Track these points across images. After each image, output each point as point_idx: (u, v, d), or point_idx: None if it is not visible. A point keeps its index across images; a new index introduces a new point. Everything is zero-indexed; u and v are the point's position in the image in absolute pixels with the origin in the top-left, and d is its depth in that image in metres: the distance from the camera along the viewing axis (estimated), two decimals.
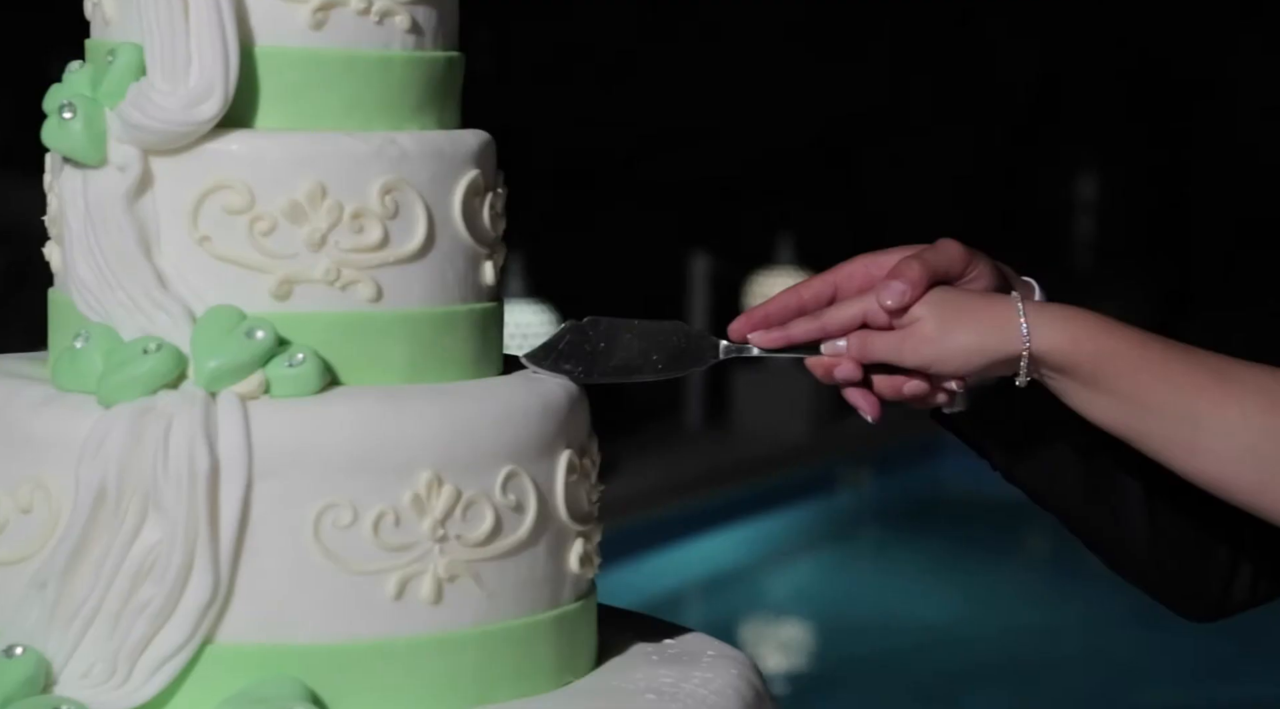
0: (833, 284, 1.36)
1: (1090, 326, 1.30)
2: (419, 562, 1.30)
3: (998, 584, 6.41)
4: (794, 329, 1.35)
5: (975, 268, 1.35)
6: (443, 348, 1.38)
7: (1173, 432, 1.29)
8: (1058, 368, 1.31)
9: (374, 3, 1.36)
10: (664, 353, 1.40)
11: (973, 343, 1.31)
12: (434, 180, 1.37)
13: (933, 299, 1.32)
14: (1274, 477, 1.28)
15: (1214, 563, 1.44)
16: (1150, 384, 1.28)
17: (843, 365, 1.34)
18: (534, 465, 1.36)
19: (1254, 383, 1.29)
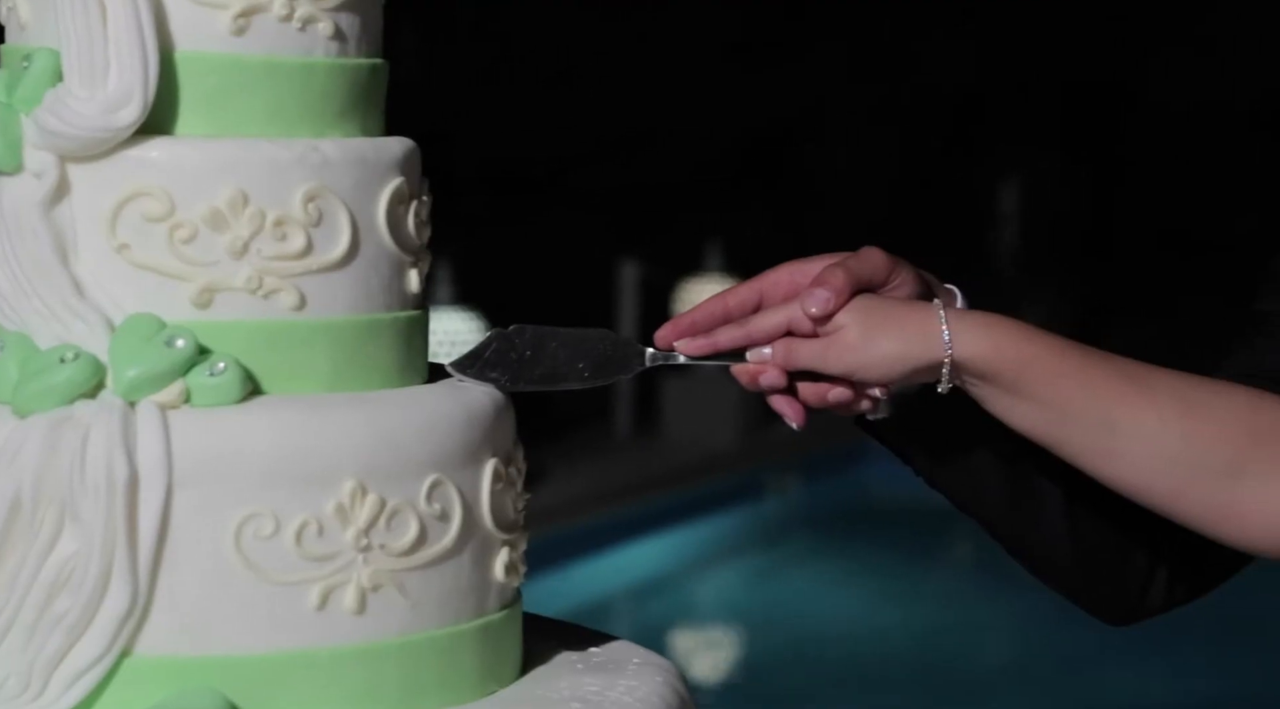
0: (758, 291, 1.37)
1: (1011, 334, 1.31)
2: (342, 572, 1.29)
3: (924, 589, 6.45)
4: (720, 336, 1.36)
5: (898, 275, 1.36)
6: (367, 356, 1.37)
7: (1091, 437, 1.30)
8: (979, 374, 1.32)
9: (296, 9, 1.35)
10: (590, 361, 1.40)
11: (896, 350, 1.32)
12: (358, 187, 1.36)
13: (856, 307, 1.33)
14: (1190, 482, 1.29)
15: (1131, 568, 1.46)
16: (1070, 391, 1.29)
17: (768, 373, 1.35)
18: (459, 474, 1.35)
19: (1171, 389, 1.30)
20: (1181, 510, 1.31)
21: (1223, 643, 5.53)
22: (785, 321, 1.34)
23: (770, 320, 1.34)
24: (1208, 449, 1.29)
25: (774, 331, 1.34)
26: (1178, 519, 1.31)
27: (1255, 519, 1.29)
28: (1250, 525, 1.29)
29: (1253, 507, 1.29)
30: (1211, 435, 1.29)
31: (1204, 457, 1.29)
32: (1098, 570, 1.45)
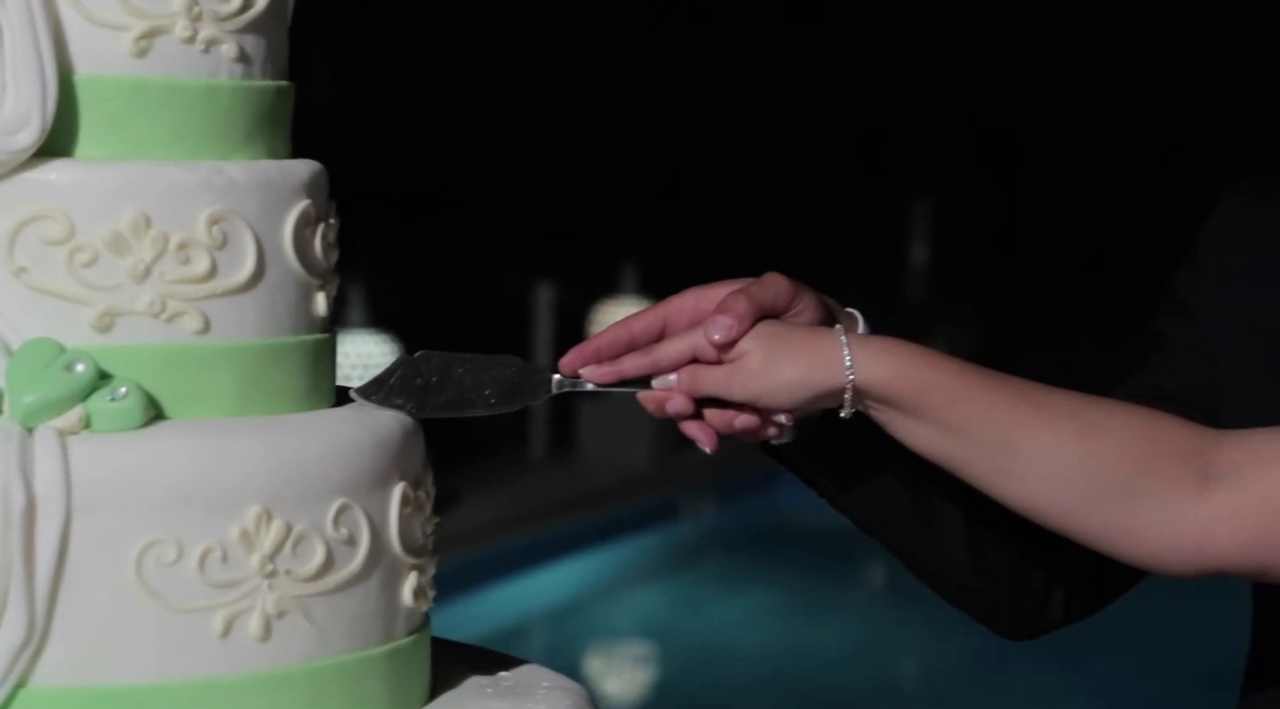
0: (662, 318, 1.37)
1: (911, 358, 1.32)
2: (247, 598, 1.28)
3: (838, 609, 6.47)
4: (625, 364, 1.36)
5: (801, 301, 1.37)
6: (272, 380, 1.36)
7: (990, 459, 1.31)
8: (881, 399, 1.33)
9: (200, 31, 1.34)
10: (497, 387, 1.40)
11: (798, 376, 1.33)
12: (263, 210, 1.35)
13: (759, 333, 1.34)
14: (1087, 502, 1.30)
15: (1030, 587, 1.48)
16: (969, 413, 1.31)
17: (674, 399, 1.35)
18: (366, 498, 1.34)
19: (1068, 410, 1.31)
20: (1079, 530, 1.32)
21: (1141, 658, 5.58)
22: (690, 349, 1.35)
23: (675, 348, 1.35)
24: (1104, 469, 1.30)
25: (679, 359, 1.35)
26: (1076, 538, 1.33)
27: (1151, 538, 1.30)
28: (1146, 544, 1.31)
29: (1148, 525, 1.30)
30: (1107, 456, 1.30)
31: (1100, 477, 1.30)
32: (997, 589, 1.47)
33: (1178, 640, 5.66)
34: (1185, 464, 1.30)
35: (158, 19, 1.33)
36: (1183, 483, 1.29)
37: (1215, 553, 1.29)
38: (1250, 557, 1.29)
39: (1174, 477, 1.29)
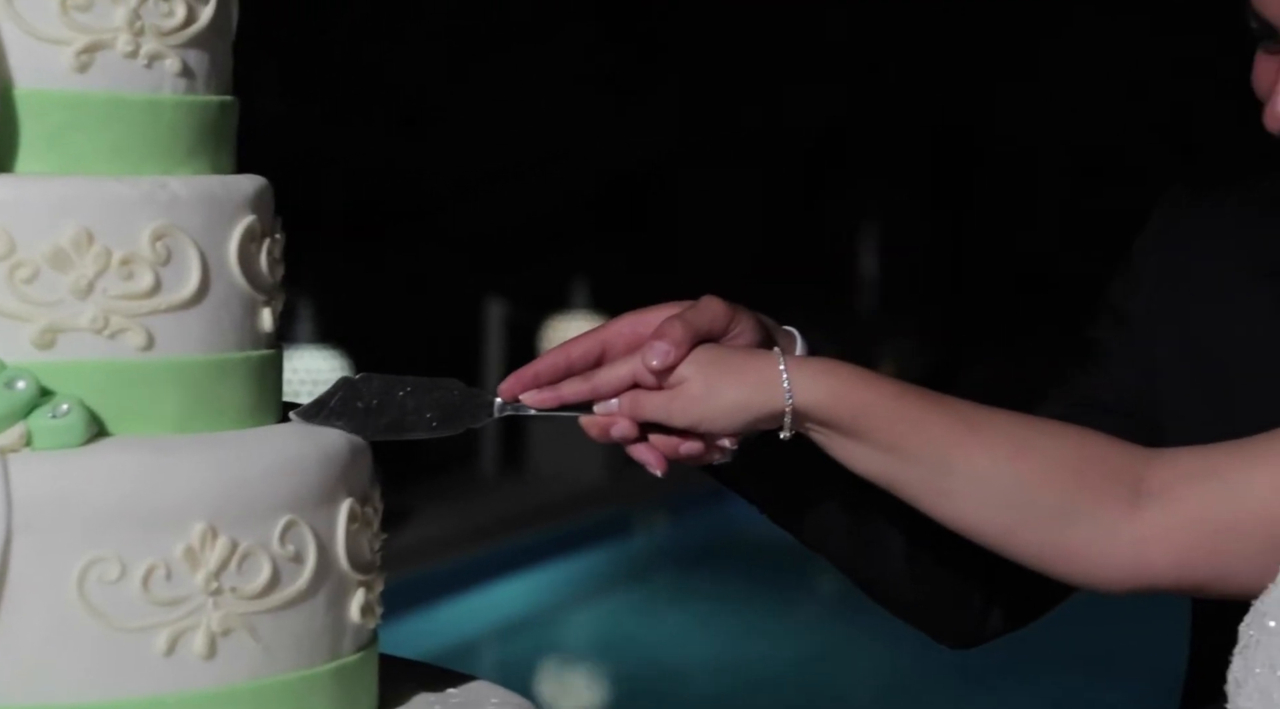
0: (601, 342, 1.38)
1: (849, 380, 1.33)
2: (191, 616, 1.27)
3: (789, 624, 6.48)
4: (565, 389, 1.37)
5: (738, 324, 1.37)
6: (218, 397, 1.35)
7: (927, 479, 1.32)
8: (819, 421, 1.34)
9: (142, 46, 1.33)
10: (438, 410, 1.40)
11: (738, 401, 1.33)
12: (208, 226, 1.34)
13: (698, 358, 1.34)
14: (1022, 522, 1.31)
15: (969, 599, 1.49)
16: (906, 435, 1.32)
17: (619, 425, 1.36)
18: (313, 515, 1.33)
19: (1003, 431, 1.33)
20: (1015, 550, 1.33)
21: (1086, 669, 5.61)
22: (630, 374, 1.35)
23: (615, 374, 1.35)
24: (1038, 490, 1.31)
25: (619, 385, 1.35)
26: (1012, 557, 1.34)
27: (1085, 558, 1.31)
28: (1081, 564, 1.32)
29: (1082, 545, 1.31)
30: (1041, 476, 1.31)
31: (1034, 497, 1.31)
32: (937, 601, 1.48)
33: (1120, 651, 5.69)
34: (1117, 483, 1.31)
35: (99, 33, 1.32)
36: (1115, 503, 1.30)
37: (1149, 571, 1.30)
38: (1183, 574, 1.30)
39: (1107, 496, 1.30)
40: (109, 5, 1.32)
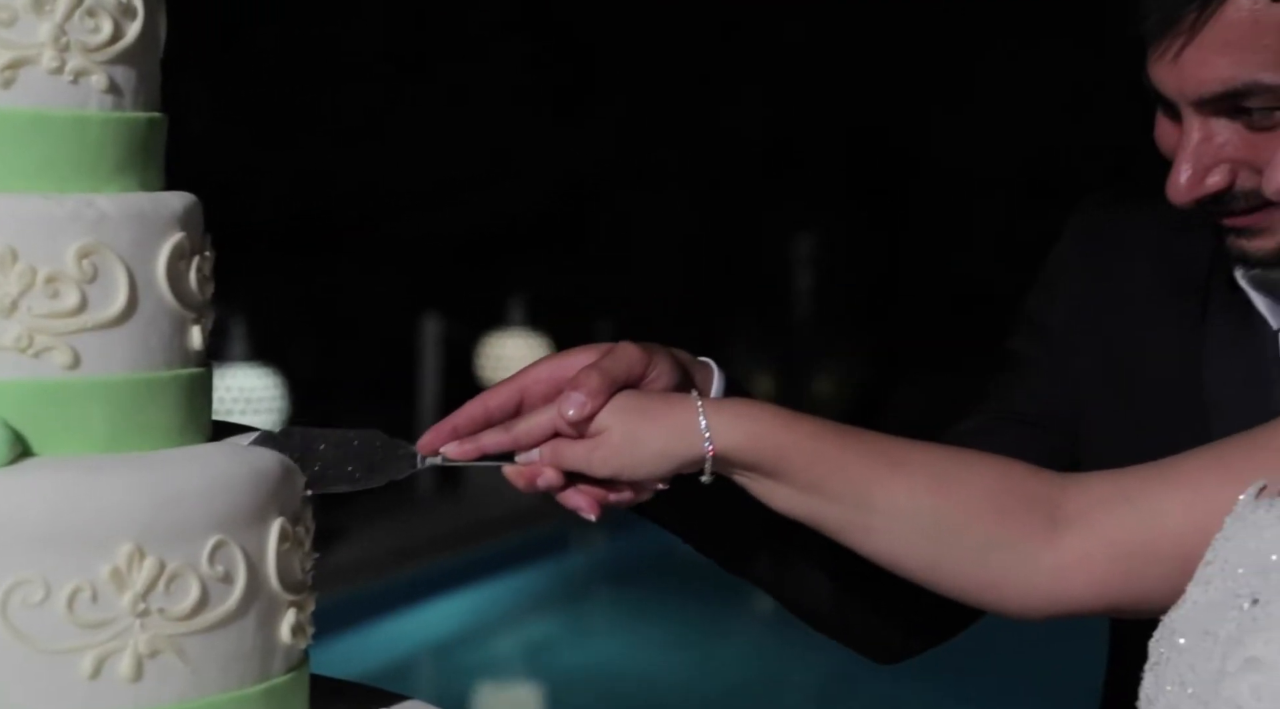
0: (519, 390, 1.38)
1: (767, 422, 1.34)
2: (118, 638, 1.25)
3: (727, 640, 6.48)
4: (485, 440, 1.37)
5: (655, 367, 1.38)
6: (146, 415, 1.34)
7: (850, 516, 1.33)
8: (740, 465, 1.35)
9: (68, 61, 1.32)
10: (360, 463, 1.39)
11: (659, 449, 1.34)
12: (136, 243, 1.33)
13: (616, 407, 1.35)
14: (944, 556, 1.33)
15: (895, 619, 1.50)
16: (826, 474, 1.33)
17: (545, 475, 1.36)
18: (243, 534, 1.32)
19: (922, 465, 1.34)
20: (938, 582, 1.35)
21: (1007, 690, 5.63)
22: (549, 424, 1.36)
23: (534, 423, 1.36)
24: (958, 522, 1.32)
25: (539, 435, 1.36)
26: (936, 590, 1.35)
27: (1007, 588, 1.33)
28: (1002, 594, 1.33)
29: (1004, 577, 1.32)
30: (961, 509, 1.33)
31: (955, 530, 1.32)
32: (863, 621, 1.50)
33: (1039, 667, 5.73)
34: (1035, 512, 1.31)
35: (24, 49, 1.30)
36: (1034, 531, 1.31)
37: (1069, 598, 1.31)
38: (1103, 599, 1.31)
39: (1025, 526, 1.31)
40: (33, 21, 1.31)
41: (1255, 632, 1.13)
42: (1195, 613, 1.20)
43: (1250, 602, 1.15)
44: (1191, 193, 1.39)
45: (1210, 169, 1.38)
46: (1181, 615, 1.21)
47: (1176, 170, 1.39)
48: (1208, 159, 1.38)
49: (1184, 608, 1.22)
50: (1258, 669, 1.12)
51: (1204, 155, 1.38)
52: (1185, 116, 1.39)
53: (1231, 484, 1.25)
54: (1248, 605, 1.15)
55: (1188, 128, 1.39)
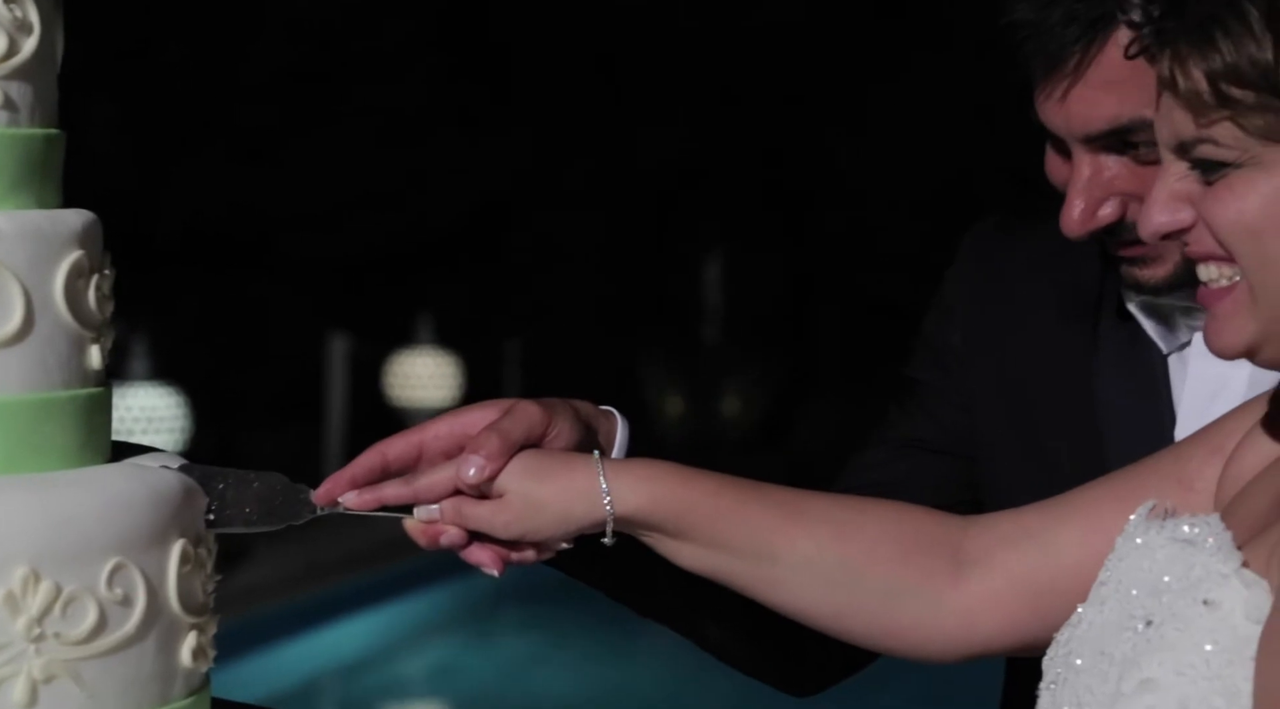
0: (418, 445, 1.38)
1: (667, 482, 1.35)
2: (11, 664, 1.23)
3: (634, 659, 6.47)
4: (386, 492, 1.37)
5: (556, 426, 1.38)
6: (43, 436, 1.32)
7: (755, 570, 1.34)
8: (642, 526, 1.35)
9: None
10: (258, 505, 1.39)
11: (559, 514, 1.35)
12: (32, 261, 1.31)
13: (517, 469, 1.35)
14: (850, 603, 1.34)
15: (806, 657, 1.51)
16: (729, 530, 1.34)
17: (448, 534, 1.37)
18: (143, 556, 1.30)
19: (823, 514, 1.35)
20: (846, 631, 1.35)
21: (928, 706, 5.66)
22: (450, 482, 1.35)
23: (435, 480, 1.36)
24: (863, 570, 1.33)
25: (440, 492, 1.36)
26: (844, 639, 1.36)
27: (915, 633, 1.34)
28: (911, 639, 1.34)
29: (911, 622, 1.33)
30: (865, 556, 1.33)
31: (860, 577, 1.33)
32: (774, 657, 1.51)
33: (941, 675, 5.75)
34: (938, 556, 1.32)
35: None
36: (938, 575, 1.32)
37: (978, 638, 1.32)
38: (1013, 636, 1.32)
39: (929, 570, 1.32)
40: None
41: (1149, 653, 1.13)
42: (1091, 633, 1.20)
43: (1144, 623, 1.15)
44: (1085, 226, 1.41)
45: (1101, 202, 1.41)
46: (1079, 636, 1.22)
47: (1069, 205, 1.42)
48: (1099, 192, 1.41)
49: (1080, 628, 1.22)
50: (1152, 690, 1.13)
51: (1095, 189, 1.41)
52: (1075, 153, 1.42)
53: (1127, 513, 1.26)
54: (1142, 627, 1.15)
55: (1078, 163, 1.41)
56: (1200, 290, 1.20)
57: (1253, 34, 1.14)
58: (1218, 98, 1.14)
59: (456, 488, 1.36)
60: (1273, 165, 1.15)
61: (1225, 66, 1.14)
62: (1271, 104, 1.14)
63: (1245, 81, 1.14)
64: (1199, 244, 1.18)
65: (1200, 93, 1.15)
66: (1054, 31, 1.39)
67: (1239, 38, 1.14)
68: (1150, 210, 1.19)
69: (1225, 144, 1.16)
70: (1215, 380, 1.45)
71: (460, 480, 1.34)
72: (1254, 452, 1.25)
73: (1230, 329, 1.17)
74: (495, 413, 1.37)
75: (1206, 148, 1.16)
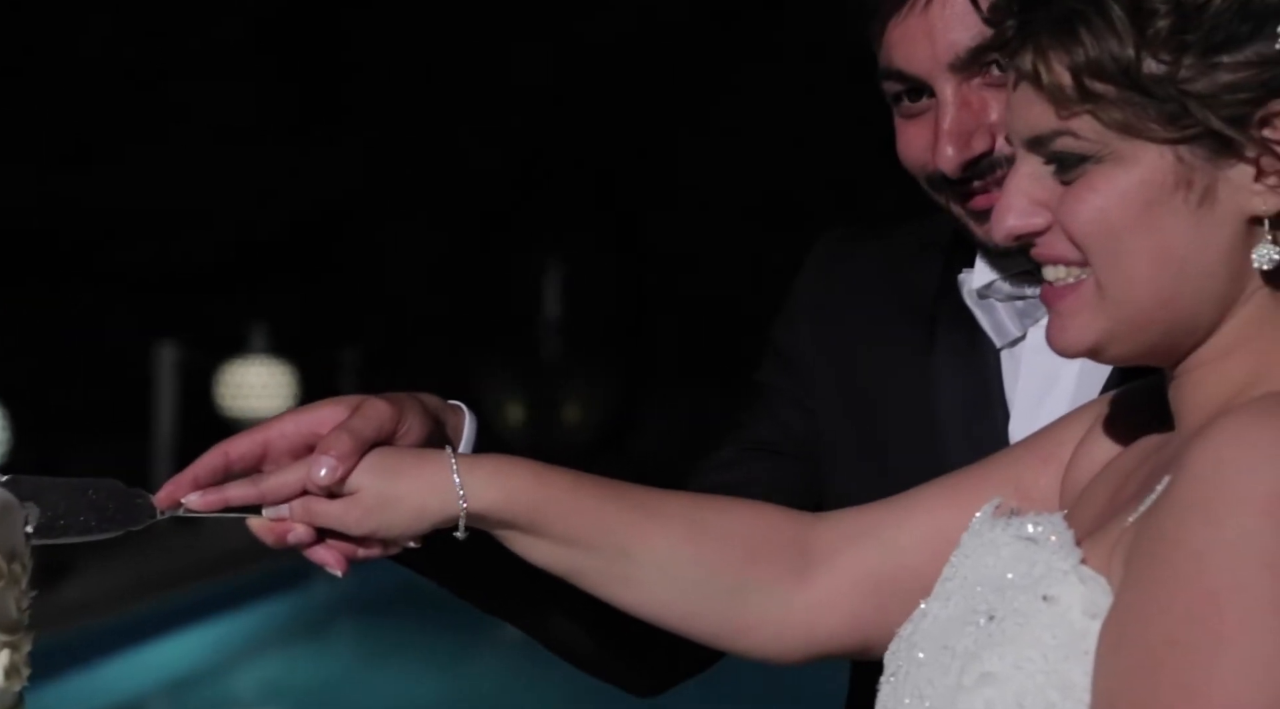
0: (262, 443, 1.34)
1: (522, 477, 1.33)
2: None
3: (473, 669, 6.44)
4: (231, 493, 1.33)
5: (406, 422, 1.35)
6: None
7: (609, 568, 1.33)
8: (496, 522, 1.33)
9: None
10: (94, 512, 1.33)
11: (413, 510, 1.32)
12: None
13: (369, 467, 1.32)
14: (701, 602, 1.33)
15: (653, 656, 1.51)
16: (583, 526, 1.32)
17: (295, 531, 1.33)
18: None
19: (678, 513, 1.34)
20: (696, 631, 1.34)
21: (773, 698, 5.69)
22: (300, 482, 1.32)
23: (284, 480, 1.32)
24: (713, 568, 1.32)
25: (289, 492, 1.32)
26: (695, 639, 1.35)
27: (762, 633, 1.33)
28: (758, 638, 1.33)
29: (759, 621, 1.32)
30: (715, 554, 1.32)
31: (710, 576, 1.32)
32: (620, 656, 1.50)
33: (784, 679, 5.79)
34: (787, 554, 1.32)
35: None
36: (785, 573, 1.32)
37: (824, 636, 1.32)
38: (856, 635, 1.32)
39: (777, 568, 1.32)
40: None
41: (990, 647, 1.14)
42: (935, 627, 1.20)
43: (986, 618, 1.15)
44: (960, 156, 1.40)
45: (973, 133, 1.40)
46: (922, 630, 1.22)
47: (941, 142, 1.40)
48: (969, 123, 1.40)
49: (925, 622, 1.22)
50: (992, 684, 1.13)
51: (965, 120, 1.39)
52: (939, 88, 1.40)
53: (965, 513, 1.26)
54: (984, 621, 1.16)
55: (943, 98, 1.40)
56: (1044, 289, 1.19)
57: (1114, 30, 1.14)
58: (1080, 92, 1.14)
59: (305, 488, 1.32)
60: (1131, 160, 1.15)
61: (1088, 61, 1.14)
62: (1131, 99, 1.13)
63: (1107, 76, 1.14)
64: (1048, 247, 1.18)
65: (1063, 86, 1.15)
66: None
67: (1100, 33, 1.14)
68: (1004, 213, 1.19)
69: (1084, 137, 1.15)
70: (1047, 376, 1.46)
71: (311, 482, 1.31)
72: (1090, 454, 1.26)
73: (1076, 326, 1.17)
74: (343, 411, 1.33)
75: (1066, 140, 1.16)
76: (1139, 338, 1.17)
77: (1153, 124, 1.13)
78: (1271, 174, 1.13)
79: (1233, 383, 1.16)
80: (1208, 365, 1.17)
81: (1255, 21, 1.13)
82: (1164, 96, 1.13)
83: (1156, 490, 1.12)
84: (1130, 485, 1.19)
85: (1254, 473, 1.06)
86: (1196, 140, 1.13)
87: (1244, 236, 1.14)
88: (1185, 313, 1.15)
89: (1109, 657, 1.09)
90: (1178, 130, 1.13)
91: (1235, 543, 1.06)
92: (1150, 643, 1.07)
